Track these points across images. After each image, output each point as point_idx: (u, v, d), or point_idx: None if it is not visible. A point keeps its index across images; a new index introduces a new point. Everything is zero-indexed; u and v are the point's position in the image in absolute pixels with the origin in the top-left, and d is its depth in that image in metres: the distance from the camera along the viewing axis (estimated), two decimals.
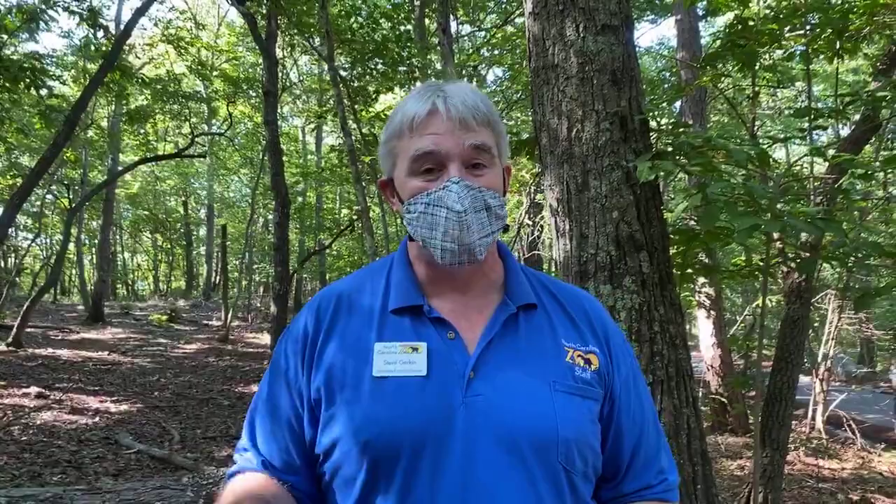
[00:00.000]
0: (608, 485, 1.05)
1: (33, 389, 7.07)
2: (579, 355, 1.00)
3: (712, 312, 8.50)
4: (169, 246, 31.58)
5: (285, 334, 1.06)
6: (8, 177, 15.46)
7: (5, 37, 8.05)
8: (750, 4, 4.15)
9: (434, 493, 0.87)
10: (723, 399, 8.36)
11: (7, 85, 7.28)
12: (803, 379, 9.29)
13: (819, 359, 8.52)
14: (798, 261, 3.04)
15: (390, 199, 1.07)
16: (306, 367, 0.99)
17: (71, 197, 15.71)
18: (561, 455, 0.91)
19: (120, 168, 17.01)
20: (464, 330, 0.98)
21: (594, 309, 1.10)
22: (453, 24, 11.89)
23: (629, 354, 1.10)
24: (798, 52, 3.76)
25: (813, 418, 8.45)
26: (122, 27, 10.49)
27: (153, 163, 21.69)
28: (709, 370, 8.67)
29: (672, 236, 2.92)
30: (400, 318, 0.99)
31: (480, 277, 1.04)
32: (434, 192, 0.95)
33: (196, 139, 15.38)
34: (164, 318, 16.48)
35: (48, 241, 24.45)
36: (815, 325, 9.34)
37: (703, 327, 8.76)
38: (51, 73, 8.58)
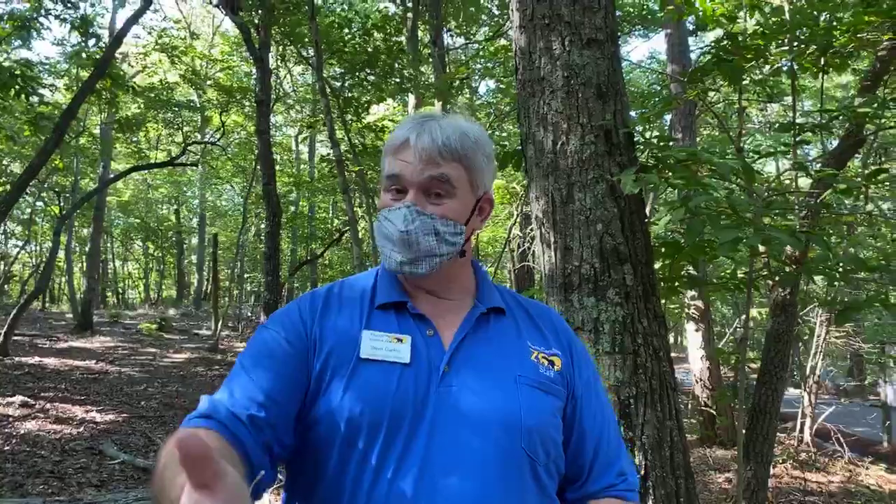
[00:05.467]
0: (572, 486, 1.12)
1: (18, 398, 6.99)
2: (543, 356, 1.10)
3: (701, 325, 8.52)
4: (160, 254, 31.46)
5: (275, 317, 1.12)
6: None
7: None
8: (738, 21, 4.20)
9: (401, 462, 0.95)
10: (711, 411, 8.37)
11: None
12: (792, 391, 9.33)
13: (807, 372, 8.55)
14: (782, 274, 3.05)
15: None
16: (307, 337, 1.05)
17: (61, 204, 15.64)
18: (524, 441, 0.99)
19: (111, 176, 16.94)
20: (441, 328, 1.08)
21: (560, 321, 1.22)
22: (446, 37, 11.96)
23: (590, 363, 1.20)
24: (785, 68, 3.79)
25: (801, 431, 8.45)
26: (115, 36, 10.48)
27: (145, 171, 21.65)
28: (697, 382, 8.67)
29: (658, 249, 2.93)
30: (385, 313, 1.09)
31: (453, 286, 1.15)
32: (393, 210, 1.07)
33: (189, 148, 15.35)
34: (154, 326, 16.36)
35: (38, 248, 24.32)
36: (805, 338, 9.37)
37: (692, 339, 8.78)
38: (41, 81, 8.55)
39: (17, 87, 7.10)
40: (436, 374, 1.01)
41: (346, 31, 8.70)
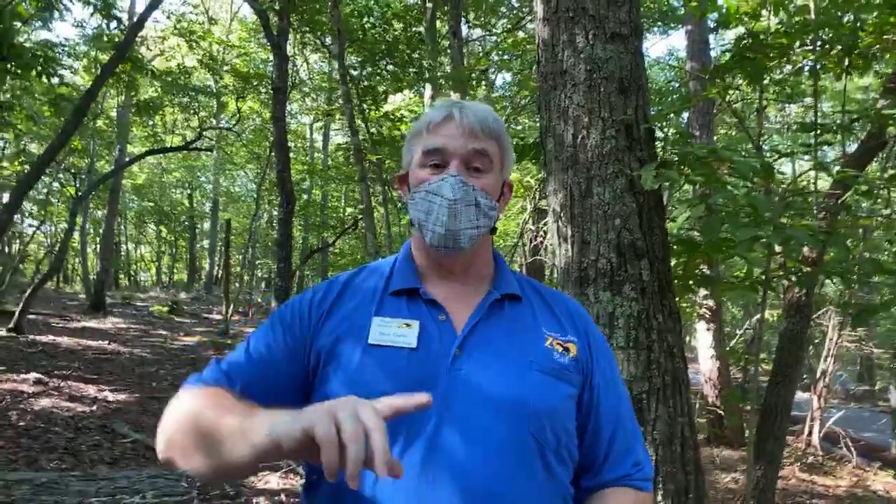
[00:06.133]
0: (588, 474, 1.13)
1: (32, 375, 7.08)
2: (558, 343, 1.11)
3: (712, 324, 8.49)
4: (173, 238, 31.69)
5: (292, 301, 1.17)
6: (16, 163, 15.50)
7: (18, 24, 8.09)
8: (761, 19, 4.16)
9: (409, 442, 0.97)
10: (720, 411, 8.35)
11: (19, 72, 7.31)
12: (802, 394, 9.28)
13: (818, 375, 8.50)
14: (798, 275, 3.04)
15: (404, 191, 1.20)
16: (313, 324, 1.11)
17: (77, 185, 15.73)
18: (532, 425, 1.01)
19: (127, 158, 17.04)
20: (454, 313, 1.09)
21: (577, 309, 1.22)
22: (464, 28, 11.92)
23: (608, 352, 1.21)
24: (807, 68, 3.76)
25: (809, 434, 8.42)
26: (135, 19, 10.53)
27: (160, 155, 21.77)
28: (707, 382, 8.65)
29: (674, 247, 2.93)
30: (398, 299, 1.11)
31: (473, 270, 1.17)
32: (434, 183, 1.09)
33: (204, 133, 15.41)
34: (165, 309, 16.51)
35: (53, 228, 24.55)
36: (816, 341, 9.31)
37: (702, 339, 8.75)
38: (61, 62, 8.60)
39: (38, 67, 7.15)
40: (446, 359, 1.02)
41: (366, 19, 8.70)
